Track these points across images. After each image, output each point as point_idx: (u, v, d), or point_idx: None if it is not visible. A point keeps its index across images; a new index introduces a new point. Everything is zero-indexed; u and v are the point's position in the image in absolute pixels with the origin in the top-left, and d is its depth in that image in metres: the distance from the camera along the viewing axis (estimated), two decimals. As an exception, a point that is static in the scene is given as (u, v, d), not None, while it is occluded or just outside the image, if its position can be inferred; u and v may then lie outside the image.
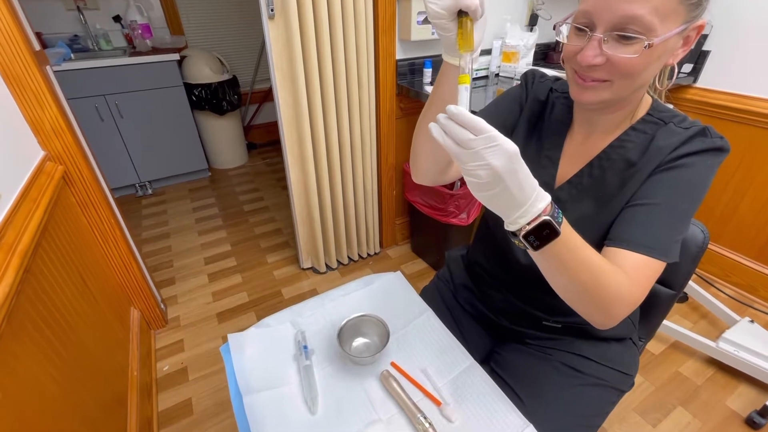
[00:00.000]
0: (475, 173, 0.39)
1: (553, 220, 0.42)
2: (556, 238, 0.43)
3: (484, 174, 0.38)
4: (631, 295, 0.50)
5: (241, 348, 0.66)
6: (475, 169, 0.38)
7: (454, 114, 0.39)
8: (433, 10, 0.43)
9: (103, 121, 2.25)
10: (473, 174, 0.39)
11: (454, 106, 0.39)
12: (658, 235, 0.52)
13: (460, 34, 0.44)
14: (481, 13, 0.44)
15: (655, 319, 0.85)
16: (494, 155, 0.38)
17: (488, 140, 0.37)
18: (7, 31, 0.91)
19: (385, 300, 0.78)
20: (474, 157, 0.38)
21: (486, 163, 0.38)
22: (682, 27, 0.47)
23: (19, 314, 0.70)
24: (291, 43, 1.30)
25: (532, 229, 0.42)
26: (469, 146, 0.38)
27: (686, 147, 0.53)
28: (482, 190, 0.40)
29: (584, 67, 0.51)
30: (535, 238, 0.42)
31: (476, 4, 0.42)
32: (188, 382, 1.36)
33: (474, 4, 0.42)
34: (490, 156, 0.38)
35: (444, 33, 0.46)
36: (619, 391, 0.73)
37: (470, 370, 0.64)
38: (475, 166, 0.38)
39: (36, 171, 0.95)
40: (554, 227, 0.42)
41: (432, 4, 0.43)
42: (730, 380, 1.36)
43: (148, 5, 2.54)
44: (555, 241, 0.43)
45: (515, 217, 0.42)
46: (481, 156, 0.38)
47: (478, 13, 0.43)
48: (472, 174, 0.39)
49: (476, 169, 0.38)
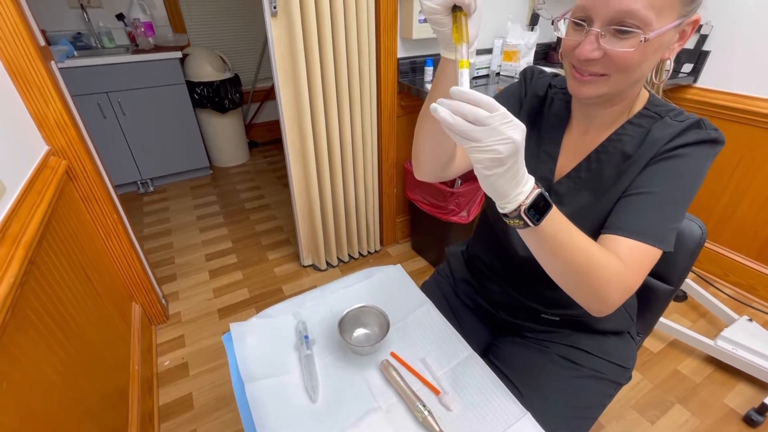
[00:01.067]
0: (494, 149, 0.39)
1: (544, 192, 0.45)
2: (551, 209, 0.45)
3: (504, 149, 0.39)
4: (625, 279, 0.50)
5: (242, 337, 0.67)
6: (495, 144, 0.39)
7: (464, 93, 0.39)
8: (427, 6, 0.45)
9: (106, 119, 2.26)
10: (492, 150, 0.39)
11: (462, 88, 0.40)
12: (653, 222, 0.53)
13: (455, 28, 0.45)
14: (475, 7, 0.45)
15: (652, 315, 0.85)
16: (514, 130, 0.39)
17: (504, 116, 0.39)
18: (13, 26, 0.92)
19: (386, 292, 0.79)
20: (493, 133, 0.38)
21: (507, 137, 0.38)
22: (678, 21, 0.48)
23: (23, 306, 0.71)
24: (293, 41, 1.31)
25: (532, 203, 0.43)
26: (486, 123, 0.38)
27: (681, 138, 0.54)
28: (498, 166, 0.40)
29: (582, 62, 0.52)
30: (534, 212, 0.44)
31: None
32: (189, 377, 1.37)
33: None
34: (510, 131, 0.39)
35: (439, 28, 0.47)
36: (617, 384, 0.73)
37: (469, 360, 0.65)
38: (495, 141, 0.38)
39: (40, 165, 0.96)
40: (547, 199, 0.45)
41: (426, 0, 0.44)
42: (728, 378, 1.36)
43: (150, 3, 2.55)
44: (549, 215, 0.45)
45: (515, 194, 0.43)
46: (501, 132, 0.38)
47: (471, 7, 0.44)
48: (489, 150, 0.39)
49: (496, 144, 0.39)
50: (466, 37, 0.44)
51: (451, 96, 0.40)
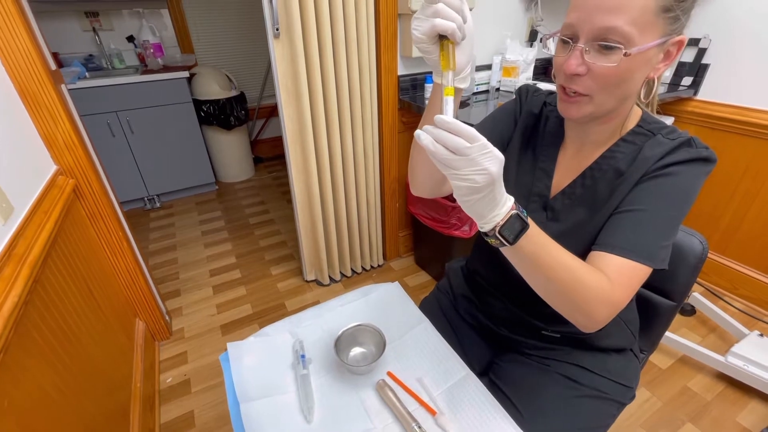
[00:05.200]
0: (470, 178, 0.41)
1: (521, 214, 0.46)
2: (527, 229, 0.47)
3: (481, 179, 0.41)
4: (611, 295, 0.50)
5: (239, 357, 0.67)
6: (472, 174, 0.41)
7: (446, 122, 0.41)
8: (414, 35, 0.47)
9: (115, 137, 2.32)
10: (468, 179, 0.41)
11: (445, 116, 0.41)
12: (642, 239, 0.53)
13: (442, 55, 0.46)
14: (462, 36, 0.46)
15: (656, 331, 0.84)
16: (491, 161, 0.41)
17: (483, 147, 0.40)
18: (26, 52, 0.96)
19: (383, 310, 0.79)
20: (471, 163, 0.40)
21: (483, 168, 0.40)
22: (661, 40, 0.49)
23: (27, 324, 0.72)
24: (295, 61, 1.34)
25: (505, 223, 0.45)
26: (464, 153, 0.40)
27: (672, 156, 0.54)
28: (474, 194, 0.42)
29: (568, 78, 0.53)
30: (509, 232, 0.46)
31: (453, 28, 0.44)
32: (191, 395, 1.36)
33: (450, 29, 0.44)
34: (488, 162, 0.40)
35: (426, 55, 0.49)
36: (620, 403, 0.72)
37: (466, 380, 0.64)
38: (472, 171, 0.40)
39: (48, 184, 0.99)
40: (523, 219, 0.46)
41: (414, 30, 0.47)
42: (740, 396, 1.32)
43: (160, 25, 2.64)
44: (526, 234, 0.47)
45: (491, 216, 0.45)
46: (478, 162, 0.40)
47: (456, 36, 0.46)
48: (466, 179, 0.41)
49: (472, 174, 0.41)
50: (452, 65, 0.45)
51: (434, 123, 0.41)
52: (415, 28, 0.46)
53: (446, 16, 0.44)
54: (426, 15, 0.45)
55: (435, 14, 0.44)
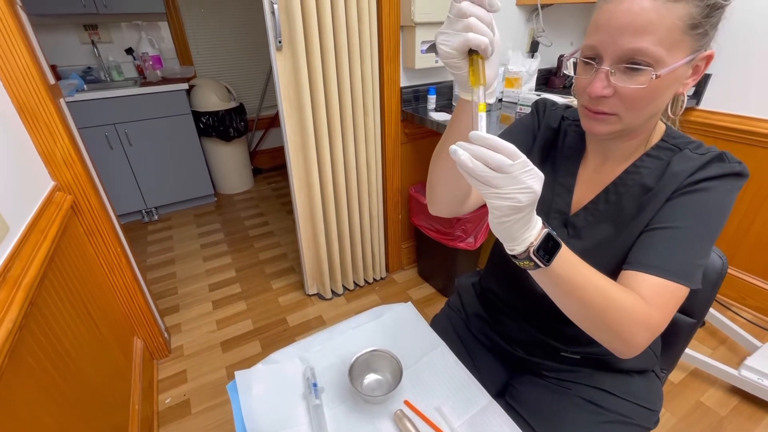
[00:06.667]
0: (513, 197, 0.38)
1: (552, 232, 0.44)
2: (560, 249, 0.44)
3: (525, 198, 0.38)
4: (650, 318, 0.48)
5: (248, 386, 0.64)
6: (515, 192, 0.38)
7: (486, 139, 0.38)
8: (443, 50, 0.44)
9: (113, 149, 2.29)
10: (511, 198, 0.38)
11: (482, 132, 0.39)
12: (678, 258, 0.50)
13: (472, 71, 0.44)
14: (492, 51, 0.43)
15: (676, 349, 0.81)
16: (533, 179, 0.39)
17: (525, 164, 0.38)
18: (24, 68, 0.94)
19: (396, 333, 0.76)
20: (514, 181, 0.38)
21: (527, 186, 0.38)
22: (690, 57, 0.48)
23: (22, 350, 0.69)
24: (298, 73, 1.32)
25: (540, 243, 0.43)
26: (507, 170, 0.38)
27: (704, 172, 0.53)
28: (515, 213, 0.40)
29: (593, 100, 0.51)
30: (544, 252, 0.44)
31: (486, 43, 0.41)
32: (191, 416, 1.32)
33: (483, 44, 0.41)
34: (531, 180, 0.38)
35: (455, 71, 0.46)
36: (644, 428, 0.69)
37: (488, 409, 0.61)
38: (515, 190, 0.38)
39: (45, 201, 0.96)
40: (555, 238, 0.44)
41: (442, 44, 0.43)
42: (755, 410, 1.29)
43: (159, 38, 2.63)
44: (559, 254, 0.44)
45: (524, 237, 0.43)
46: (522, 180, 0.38)
47: (488, 51, 0.43)
48: (509, 198, 0.38)
49: (515, 193, 0.38)
50: (483, 80, 0.43)
51: (470, 139, 0.39)
52: (442, 43, 0.43)
53: (479, 30, 0.41)
54: (456, 29, 0.42)
55: (467, 28, 0.41)
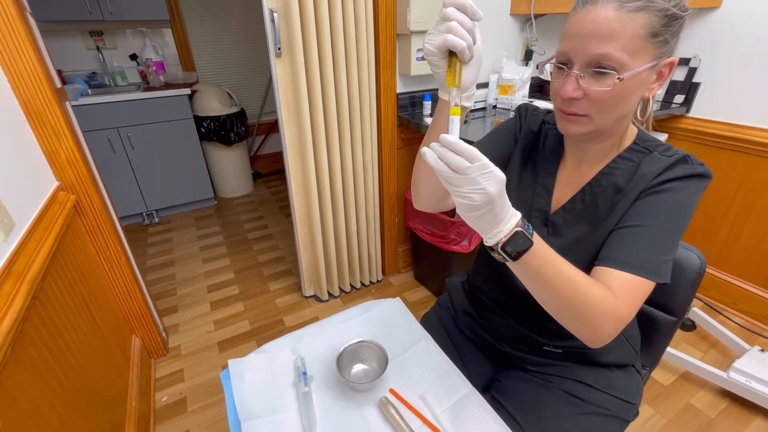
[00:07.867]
0: (468, 196, 0.43)
1: (525, 231, 0.47)
2: (530, 246, 0.47)
3: (479, 197, 0.42)
4: (616, 310, 0.51)
5: (241, 374, 0.66)
6: (470, 192, 0.42)
7: (450, 142, 0.43)
8: (426, 48, 0.49)
9: (115, 152, 2.33)
10: (467, 197, 0.43)
11: (449, 135, 0.43)
12: (645, 254, 0.54)
13: (450, 72, 0.48)
14: (470, 56, 0.48)
15: (657, 347, 0.84)
16: (490, 181, 0.42)
17: (482, 167, 0.42)
18: (32, 70, 0.98)
19: (385, 326, 0.78)
20: (470, 182, 0.42)
21: (482, 188, 0.42)
22: (652, 63, 0.52)
23: (24, 341, 0.71)
24: (297, 79, 1.37)
25: (508, 240, 0.46)
26: (464, 172, 0.42)
27: (669, 173, 0.56)
28: (472, 211, 0.44)
29: (565, 102, 0.55)
30: (512, 248, 0.47)
31: (463, 45, 0.46)
32: (187, 413, 1.34)
33: (461, 46, 0.46)
34: (486, 182, 0.42)
35: (435, 69, 0.50)
36: (624, 420, 0.71)
37: (469, 397, 0.63)
38: (470, 190, 0.42)
39: (49, 200, 0.99)
40: (526, 237, 0.47)
41: (426, 43, 0.49)
42: (744, 413, 1.31)
43: (163, 44, 2.69)
44: (530, 250, 0.47)
45: (495, 232, 0.46)
46: (477, 182, 0.42)
47: (465, 54, 0.47)
48: (465, 197, 0.43)
49: (470, 193, 0.42)
50: (458, 82, 0.47)
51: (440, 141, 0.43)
52: (427, 41, 0.48)
53: (458, 33, 0.45)
54: (440, 30, 0.47)
55: (448, 30, 0.46)
